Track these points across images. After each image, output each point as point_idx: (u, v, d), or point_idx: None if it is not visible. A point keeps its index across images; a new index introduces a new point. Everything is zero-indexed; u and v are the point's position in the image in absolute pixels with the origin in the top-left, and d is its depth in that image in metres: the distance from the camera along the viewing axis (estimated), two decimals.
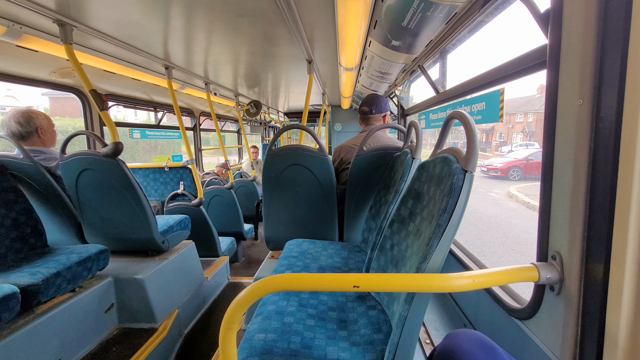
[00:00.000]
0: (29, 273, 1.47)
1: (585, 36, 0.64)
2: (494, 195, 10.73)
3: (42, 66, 2.25)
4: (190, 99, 4.12)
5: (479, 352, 0.65)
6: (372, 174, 1.87)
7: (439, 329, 1.46)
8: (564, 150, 0.72)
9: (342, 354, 0.93)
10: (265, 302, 1.20)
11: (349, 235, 2.02)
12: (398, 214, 1.14)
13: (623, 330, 0.61)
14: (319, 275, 0.64)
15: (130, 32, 1.87)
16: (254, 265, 3.92)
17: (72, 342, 1.63)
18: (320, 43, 2.19)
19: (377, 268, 1.22)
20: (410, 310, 0.80)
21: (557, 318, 0.76)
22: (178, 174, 3.30)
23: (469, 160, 0.75)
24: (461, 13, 1.34)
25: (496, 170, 14.05)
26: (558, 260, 0.74)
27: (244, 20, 1.72)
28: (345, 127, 6.56)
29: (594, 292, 0.66)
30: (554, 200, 0.75)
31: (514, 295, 1.04)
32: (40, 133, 2.00)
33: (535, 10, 0.85)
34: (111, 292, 1.93)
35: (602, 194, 0.63)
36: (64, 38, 1.67)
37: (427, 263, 0.76)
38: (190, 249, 2.52)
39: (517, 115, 31.96)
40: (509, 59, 1.06)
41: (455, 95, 1.70)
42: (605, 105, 0.61)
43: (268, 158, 1.90)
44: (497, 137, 34.40)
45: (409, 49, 1.78)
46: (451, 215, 0.74)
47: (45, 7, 1.52)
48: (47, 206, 2.03)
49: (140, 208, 1.98)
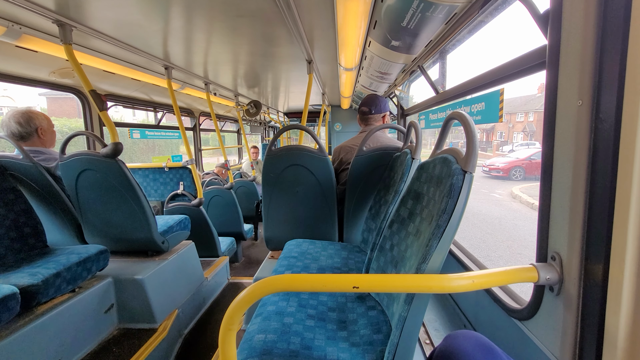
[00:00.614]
0: (29, 273, 1.47)
1: (585, 37, 0.64)
2: (497, 196, 10.63)
3: (42, 66, 2.24)
4: (190, 99, 4.12)
5: (479, 353, 0.65)
6: (372, 174, 1.87)
7: (438, 329, 1.46)
8: (563, 151, 0.72)
9: (342, 355, 0.93)
10: (265, 302, 1.20)
11: (349, 235, 2.02)
12: (398, 215, 1.14)
13: (622, 330, 0.61)
14: (319, 276, 0.64)
15: (130, 32, 1.87)
16: (253, 265, 3.92)
17: (71, 343, 1.63)
18: (320, 43, 2.19)
19: (376, 268, 1.22)
20: (409, 311, 0.80)
21: (556, 319, 0.76)
22: (178, 174, 3.30)
23: (468, 161, 0.75)
24: (461, 13, 1.34)
25: (498, 170, 13.98)
26: (557, 260, 0.74)
27: (243, 20, 1.72)
28: (345, 127, 6.56)
29: (593, 293, 0.66)
30: (554, 201, 0.75)
31: (514, 296, 1.04)
32: (40, 133, 2.00)
33: (534, 10, 0.85)
34: (111, 292, 1.93)
35: (601, 194, 0.63)
36: (63, 38, 1.67)
37: (426, 264, 0.76)
38: (190, 249, 2.52)
39: (517, 114, 31.94)
40: (509, 59, 1.06)
41: (455, 96, 1.70)
42: (605, 106, 0.61)
43: (268, 158, 1.90)
44: (498, 136, 34.35)
45: (409, 49, 1.78)
46: (451, 216, 0.74)
47: (45, 8, 1.52)
48: (47, 206, 2.03)
49: (140, 208, 1.98)
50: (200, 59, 2.55)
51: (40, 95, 21.82)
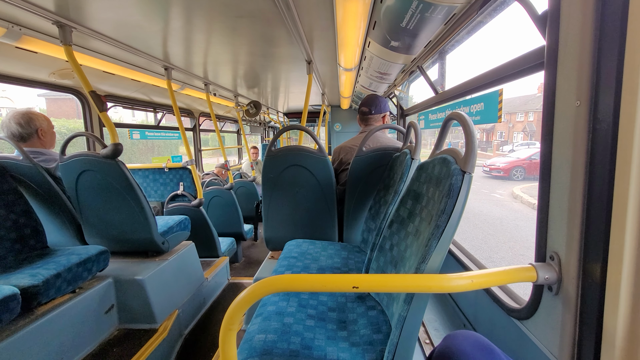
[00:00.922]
0: (29, 274, 1.47)
1: (583, 38, 0.65)
2: (498, 196, 10.61)
3: (42, 67, 2.25)
4: (189, 99, 4.12)
5: (478, 353, 0.65)
6: (372, 175, 1.87)
7: (438, 329, 1.46)
8: (561, 151, 0.72)
9: (342, 355, 0.94)
10: (265, 302, 1.21)
11: (349, 235, 2.02)
12: (397, 215, 1.15)
13: (620, 330, 0.61)
14: (319, 276, 0.64)
15: (130, 33, 1.87)
16: (254, 265, 3.92)
17: (72, 344, 1.64)
18: (319, 44, 2.19)
19: (376, 268, 1.22)
20: (409, 311, 0.80)
21: (555, 318, 0.76)
22: (178, 175, 3.30)
23: (467, 161, 0.75)
24: (460, 14, 1.35)
25: (499, 170, 13.97)
26: (556, 260, 0.75)
27: (243, 21, 1.72)
28: (344, 128, 6.57)
29: (591, 292, 0.66)
30: (552, 201, 0.76)
31: (513, 296, 1.05)
32: (40, 134, 2.00)
33: (532, 11, 0.85)
34: (111, 293, 1.93)
35: (599, 195, 0.63)
36: (63, 39, 1.68)
37: (426, 263, 0.77)
38: (190, 250, 2.52)
39: (517, 114, 31.89)
40: (508, 60, 1.06)
41: (454, 96, 1.71)
42: (603, 106, 0.62)
43: (267, 159, 1.90)
44: (498, 136, 34.21)
45: (408, 50, 1.78)
46: (450, 216, 0.75)
47: (45, 9, 1.52)
48: (47, 207, 2.03)
49: (140, 209, 1.98)
50: (200, 60, 2.55)
51: (39, 96, 21.73)
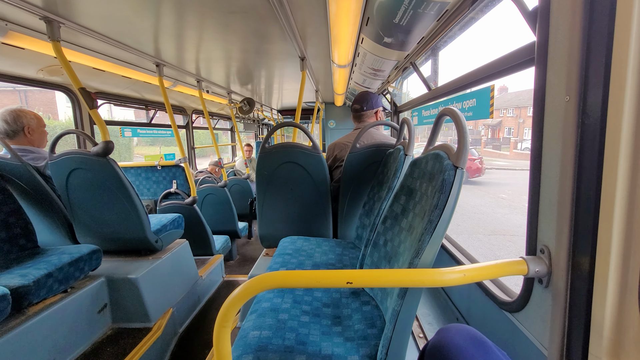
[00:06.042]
0: (20, 274, 1.45)
1: (572, 34, 0.66)
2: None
3: (30, 64, 2.20)
4: (182, 96, 4.07)
5: (471, 346, 0.66)
6: (366, 171, 1.88)
7: (432, 323, 1.48)
8: (551, 146, 0.73)
9: (336, 349, 0.94)
10: (260, 299, 1.21)
11: (343, 232, 2.03)
12: (391, 211, 1.15)
13: (608, 321, 0.62)
14: (313, 272, 0.65)
15: (120, 29, 1.84)
16: (248, 263, 3.91)
17: (65, 343, 1.62)
18: (312, 40, 2.18)
19: (370, 264, 1.23)
20: (403, 305, 0.81)
21: (545, 310, 0.78)
22: (171, 173, 3.27)
23: (459, 157, 0.76)
24: (452, 10, 1.35)
25: None
26: (546, 253, 0.76)
27: (235, 17, 1.71)
28: (338, 124, 6.55)
29: (580, 285, 0.68)
30: (542, 196, 0.77)
31: (505, 289, 1.06)
32: (27, 132, 1.97)
33: (523, 7, 0.86)
34: (104, 292, 1.91)
35: (588, 188, 0.64)
36: (51, 35, 1.64)
37: (419, 258, 0.77)
38: (184, 248, 2.51)
39: (528, 108, 30.63)
40: (499, 56, 1.07)
41: (447, 92, 1.72)
42: (591, 101, 0.63)
43: (261, 156, 1.89)
44: (506, 132, 33.07)
45: (401, 46, 1.78)
46: (442, 211, 0.75)
47: (32, 4, 1.48)
48: (37, 206, 2.00)
49: (133, 207, 1.96)
50: (192, 56, 2.52)
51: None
